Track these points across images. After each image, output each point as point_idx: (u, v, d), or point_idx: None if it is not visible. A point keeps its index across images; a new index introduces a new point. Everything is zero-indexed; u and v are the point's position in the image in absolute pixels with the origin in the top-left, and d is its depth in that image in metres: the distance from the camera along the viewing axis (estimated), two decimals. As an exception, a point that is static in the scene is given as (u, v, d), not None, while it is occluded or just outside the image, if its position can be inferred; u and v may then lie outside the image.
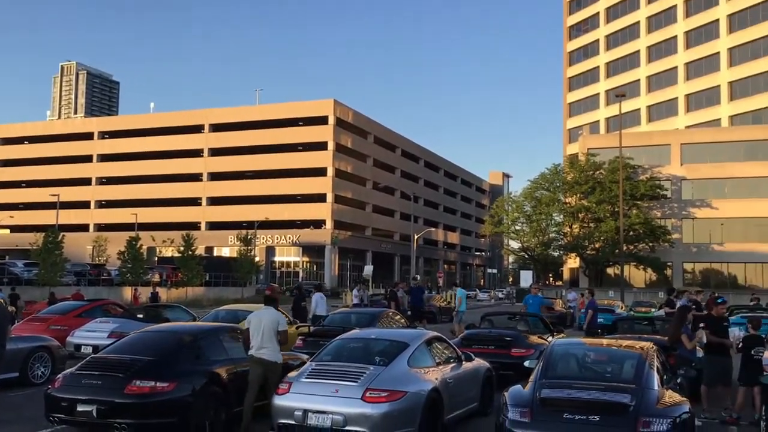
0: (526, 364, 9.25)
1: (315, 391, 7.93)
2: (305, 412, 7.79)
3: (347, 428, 7.62)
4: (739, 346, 10.61)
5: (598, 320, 24.03)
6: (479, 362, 10.66)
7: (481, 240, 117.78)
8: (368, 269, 58.07)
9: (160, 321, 16.45)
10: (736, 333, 11.79)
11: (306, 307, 21.12)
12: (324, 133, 78.02)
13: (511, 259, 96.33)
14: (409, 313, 21.51)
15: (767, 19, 67.05)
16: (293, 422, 7.88)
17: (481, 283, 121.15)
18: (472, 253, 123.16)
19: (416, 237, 73.40)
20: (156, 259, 64.19)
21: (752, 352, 10.32)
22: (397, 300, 22.17)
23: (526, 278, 72.73)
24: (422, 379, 8.47)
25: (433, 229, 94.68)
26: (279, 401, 8.08)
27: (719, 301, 11.22)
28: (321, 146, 77.88)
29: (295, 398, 7.95)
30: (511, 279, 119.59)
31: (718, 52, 71.57)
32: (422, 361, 8.91)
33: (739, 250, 64.19)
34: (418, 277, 63.07)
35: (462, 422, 9.65)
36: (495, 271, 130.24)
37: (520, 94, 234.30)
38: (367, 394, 7.71)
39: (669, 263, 66.78)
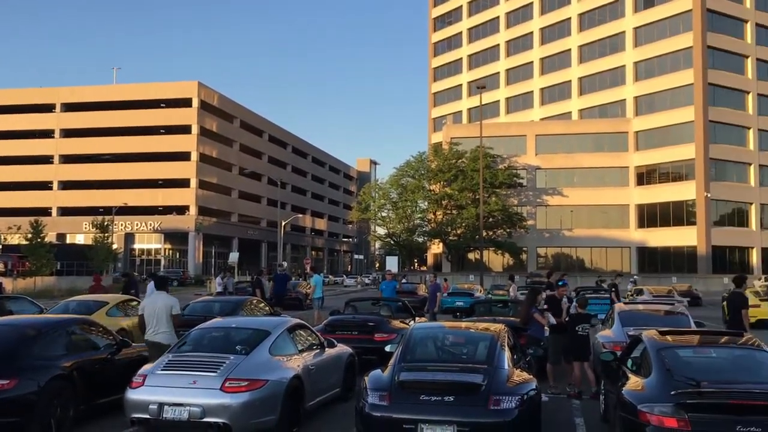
0: (387, 348, 9.44)
1: (171, 383, 7.69)
2: (161, 405, 7.55)
3: (206, 420, 7.46)
4: (566, 321, 11.42)
5: (457, 303, 24.94)
6: (342, 348, 10.77)
7: (348, 226, 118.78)
8: (234, 256, 56.90)
9: (3, 314, 15.28)
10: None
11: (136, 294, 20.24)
12: (187, 116, 75.36)
13: (377, 245, 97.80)
14: (273, 300, 21.33)
15: (613, 19, 71.88)
16: (148, 416, 7.61)
17: (349, 269, 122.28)
18: (339, 239, 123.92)
19: (283, 223, 72.83)
20: None
21: (578, 329, 11.14)
22: (262, 287, 21.89)
23: (392, 264, 74.20)
24: (284, 366, 8.44)
25: (300, 215, 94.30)
26: (132, 395, 7.77)
27: (560, 283, 12.02)
28: (184, 129, 75.17)
29: (149, 391, 7.68)
30: (377, 265, 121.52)
31: (570, 49, 76.01)
32: (284, 348, 8.88)
33: (586, 236, 68.96)
34: (285, 264, 62.62)
35: (324, 408, 9.72)
36: (362, 257, 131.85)
37: (389, 82, 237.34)
38: (227, 384, 7.58)
39: (524, 248, 70.55)
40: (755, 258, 65.55)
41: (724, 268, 61.60)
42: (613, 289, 23.64)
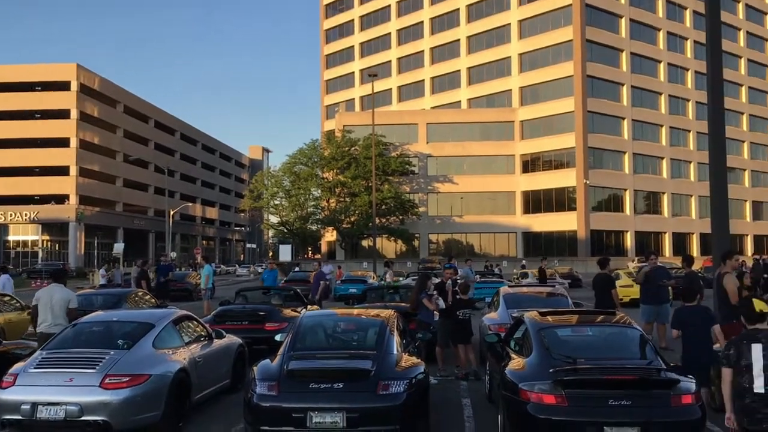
0: (277, 337, 9.34)
1: (45, 381, 7.29)
2: (34, 405, 7.14)
3: (84, 418, 7.14)
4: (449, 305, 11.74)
5: (350, 290, 25.06)
6: (231, 339, 10.57)
7: (240, 215, 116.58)
8: (118, 247, 54.59)
9: None
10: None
11: None
12: (65, 100, 71.31)
13: (271, 233, 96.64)
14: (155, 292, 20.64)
15: (500, 11, 74.03)
16: (20, 417, 7.18)
17: (241, 258, 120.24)
18: (231, 228, 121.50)
19: (172, 212, 70.51)
20: None
21: (459, 314, 11.48)
22: (147, 279, 21.12)
23: (286, 252, 73.72)
24: (169, 360, 8.19)
25: (190, 204, 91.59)
26: (2, 395, 7.29)
27: (446, 267, 12.35)
28: (62, 114, 71.11)
29: (21, 391, 7.25)
30: (271, 254, 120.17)
31: (459, 40, 77.70)
32: (169, 341, 8.62)
33: (475, 222, 71.01)
34: (173, 255, 60.69)
35: (213, 400, 9.52)
36: (255, 246, 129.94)
37: (281, 69, 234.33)
38: (106, 381, 7.28)
39: (417, 234, 71.79)
40: (629, 241, 69.74)
41: (602, 251, 64.99)
42: (541, 274, 24.32)
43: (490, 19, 74.87)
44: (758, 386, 5.32)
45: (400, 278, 32.88)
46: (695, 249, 71.53)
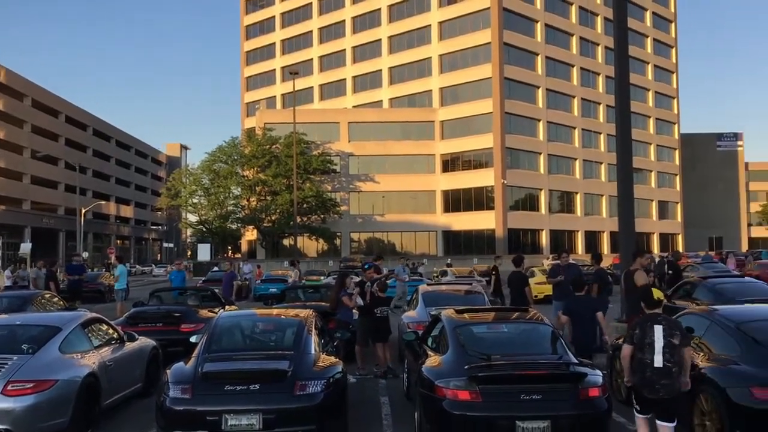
0: (193, 339, 9.16)
1: (-60, 390, 6.88)
2: (-71, 416, 6.73)
3: (-17, 428, 6.78)
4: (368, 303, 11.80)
5: (271, 290, 24.82)
6: (144, 341, 10.29)
7: (157, 213, 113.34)
8: (25, 247, 52.15)
9: None
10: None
11: None
12: (-33, 93, 67.55)
13: (189, 232, 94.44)
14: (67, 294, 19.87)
15: (420, 12, 74.86)
16: None
17: (158, 258, 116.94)
18: (147, 227, 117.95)
19: (83, 211, 67.90)
20: None
21: (376, 312, 11.57)
22: (56, 280, 20.28)
23: (205, 252, 72.20)
24: (77, 364, 7.90)
25: (103, 202, 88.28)
26: None
27: (366, 266, 12.43)
28: (-37, 107, 67.35)
29: None
30: (189, 253, 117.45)
31: (380, 39, 78.10)
32: (77, 345, 8.32)
33: (397, 220, 71.60)
34: (86, 255, 58.54)
35: (124, 405, 9.24)
36: (172, 245, 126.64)
37: (201, 65, 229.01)
38: (9, 387, 6.95)
39: (338, 233, 71.75)
40: (545, 239, 71.89)
41: (518, 249, 66.62)
42: (494, 272, 24.02)
43: (410, 20, 75.59)
44: (658, 362, 6.10)
45: (322, 277, 32.82)
46: (606, 247, 74.41)
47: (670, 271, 18.85)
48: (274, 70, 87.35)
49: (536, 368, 6.90)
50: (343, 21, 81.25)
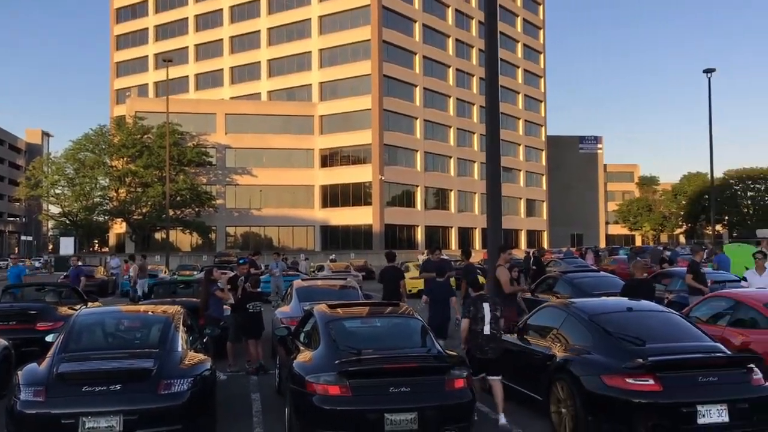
0: (49, 338, 8.63)
1: None
2: None
3: None
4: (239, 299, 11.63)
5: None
6: (-6, 341, 9.58)
7: (15, 204, 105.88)
8: None
9: None
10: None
11: None
12: None
13: (51, 224, 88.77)
14: None
15: (300, 5, 74.26)
16: None
17: (16, 251, 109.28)
18: (4, 218, 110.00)
19: (-71, 200, 62.27)
20: None
21: (249, 307, 11.40)
22: None
23: (68, 246, 68.17)
24: None
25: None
26: None
27: (240, 261, 12.21)
28: None
29: None
30: (51, 246, 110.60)
31: (259, 30, 76.81)
32: None
33: (274, 215, 70.81)
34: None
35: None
36: (32, 238, 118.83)
37: (65, 47, 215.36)
38: None
39: (213, 227, 70.00)
40: (420, 235, 73.53)
41: (395, 245, 67.96)
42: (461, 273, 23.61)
43: (291, 12, 74.87)
44: (486, 330, 8.17)
45: (195, 272, 31.93)
46: (478, 243, 77.19)
47: (534, 267, 19.82)
48: (147, 56, 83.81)
49: (405, 361, 7.03)
50: (221, 10, 79.22)
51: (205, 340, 9.29)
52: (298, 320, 10.64)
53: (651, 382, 6.64)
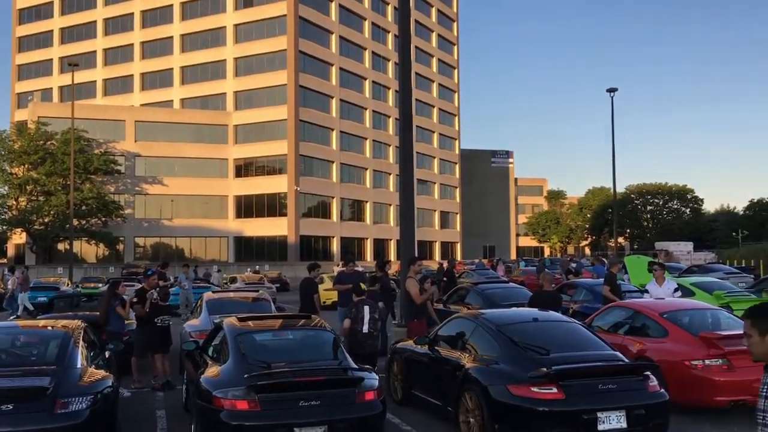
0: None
1: None
2: None
3: None
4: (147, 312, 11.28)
5: (39, 299, 22.76)
6: None
7: None
8: None
9: None
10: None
11: None
12: None
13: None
14: None
15: (215, 12, 73.07)
16: None
17: None
18: None
19: None
20: None
21: (156, 321, 11.10)
22: None
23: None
24: None
25: None
26: None
27: (148, 273, 11.82)
28: None
29: None
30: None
31: (172, 37, 75.05)
32: None
33: (186, 225, 69.09)
34: None
35: None
36: None
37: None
38: None
39: (121, 238, 67.63)
40: (336, 246, 73.44)
41: (310, 256, 67.58)
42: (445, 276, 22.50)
43: (205, 19, 73.55)
44: (365, 329, 9.63)
45: (100, 285, 30.69)
46: (393, 254, 77.76)
47: (445, 278, 20.13)
48: (51, 59, 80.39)
49: (315, 374, 6.97)
50: (132, 14, 76.97)
51: (107, 356, 8.92)
52: (207, 334, 10.41)
53: (554, 390, 6.84)
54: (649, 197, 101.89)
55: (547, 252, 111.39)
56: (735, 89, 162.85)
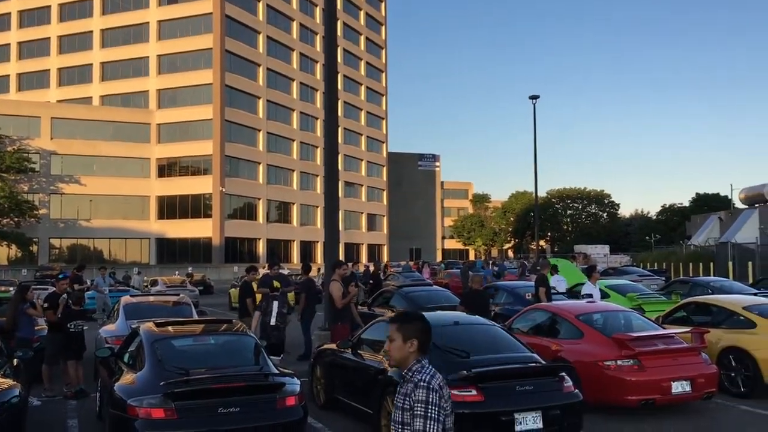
0: None
1: None
2: None
3: None
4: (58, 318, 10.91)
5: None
6: None
7: None
8: None
9: None
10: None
11: None
12: None
13: None
14: None
15: (138, 8, 71.01)
16: None
17: None
18: None
19: None
20: None
21: (70, 327, 10.71)
22: None
23: None
24: None
25: None
26: None
27: (60, 277, 11.40)
28: None
29: None
30: None
31: (92, 31, 72.53)
32: None
33: (105, 226, 66.85)
34: None
35: None
36: None
37: None
38: None
39: (35, 239, 64.86)
40: (262, 248, 72.57)
41: (235, 258, 66.70)
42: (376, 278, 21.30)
43: (127, 14, 71.39)
44: (272, 322, 11.70)
45: (11, 288, 29.29)
46: (320, 257, 77.44)
47: (372, 281, 20.20)
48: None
49: (234, 380, 6.86)
50: (49, 6, 74.00)
51: (15, 364, 8.53)
52: (123, 339, 10.10)
53: (474, 392, 6.95)
54: (569, 201, 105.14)
55: (472, 255, 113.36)
56: (650, 97, 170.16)
